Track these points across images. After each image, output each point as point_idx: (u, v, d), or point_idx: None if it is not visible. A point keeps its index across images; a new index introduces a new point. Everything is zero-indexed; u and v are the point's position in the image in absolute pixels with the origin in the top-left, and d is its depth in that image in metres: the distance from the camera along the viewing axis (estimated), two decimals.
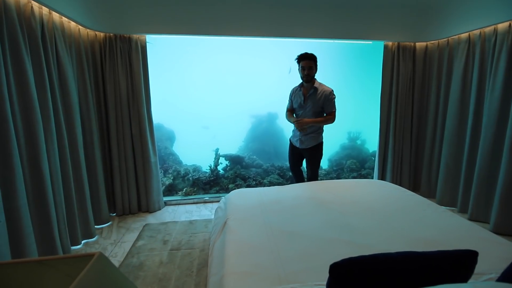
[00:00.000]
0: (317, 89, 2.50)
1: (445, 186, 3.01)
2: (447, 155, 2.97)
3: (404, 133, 3.33)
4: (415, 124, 3.34)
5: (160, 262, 2.08)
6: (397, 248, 1.31)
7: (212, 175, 3.80)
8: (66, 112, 2.19)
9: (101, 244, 2.39)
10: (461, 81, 2.81)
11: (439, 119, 3.10)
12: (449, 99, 2.94)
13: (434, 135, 3.19)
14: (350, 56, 4.90)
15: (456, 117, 2.88)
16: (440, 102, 3.08)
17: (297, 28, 2.96)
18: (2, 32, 1.60)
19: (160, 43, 4.43)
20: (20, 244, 1.65)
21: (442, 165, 3.02)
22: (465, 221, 1.67)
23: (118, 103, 2.75)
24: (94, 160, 2.53)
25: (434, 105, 3.16)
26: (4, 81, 1.57)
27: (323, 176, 4.14)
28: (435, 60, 3.12)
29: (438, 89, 3.10)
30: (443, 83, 3.02)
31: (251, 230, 1.56)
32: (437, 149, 3.15)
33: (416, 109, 3.32)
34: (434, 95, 3.14)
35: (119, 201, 2.88)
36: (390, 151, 3.35)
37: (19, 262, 0.53)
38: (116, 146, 2.77)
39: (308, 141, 2.60)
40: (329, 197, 2.02)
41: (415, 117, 3.33)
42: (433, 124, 3.18)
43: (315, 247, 1.36)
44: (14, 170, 1.61)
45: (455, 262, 0.79)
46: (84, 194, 2.36)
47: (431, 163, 3.23)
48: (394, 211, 1.78)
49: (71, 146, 2.22)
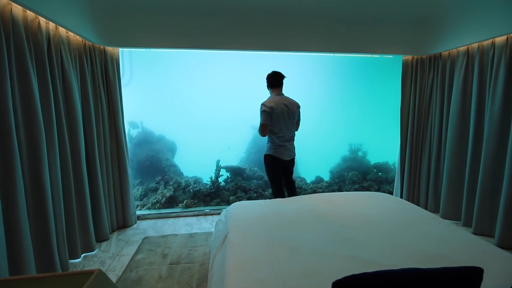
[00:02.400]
0: None
1: (449, 199, 2.97)
2: (449, 167, 2.95)
3: (423, 147, 3.31)
4: (429, 137, 3.31)
5: (159, 276, 2.05)
6: (400, 262, 1.29)
7: (213, 187, 3.78)
8: (69, 124, 2.21)
9: (99, 258, 2.36)
10: (460, 94, 2.83)
11: (443, 131, 3.08)
12: (450, 111, 2.95)
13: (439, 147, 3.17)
14: (349, 69, 4.97)
15: (457, 130, 2.87)
16: (443, 114, 3.07)
17: (297, 42, 3.01)
18: (9, 46, 1.63)
19: (162, 56, 4.51)
20: (18, 257, 1.63)
21: (445, 178, 2.99)
22: (469, 235, 1.64)
23: (99, 116, 2.64)
24: (96, 173, 2.50)
25: (438, 117, 3.11)
26: (9, 94, 1.60)
27: (325, 188, 4.11)
28: (437, 72, 3.13)
29: (442, 102, 3.08)
30: (445, 96, 3.03)
31: (252, 244, 1.54)
32: (441, 161, 3.12)
33: (426, 122, 3.30)
34: (439, 108, 3.11)
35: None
36: (407, 165, 3.38)
37: (19, 279, 0.53)
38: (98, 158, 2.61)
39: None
40: (330, 210, 2.00)
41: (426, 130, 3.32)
42: (438, 136, 3.14)
43: (317, 261, 1.33)
44: (15, 182, 1.61)
45: (460, 279, 0.77)
46: (85, 207, 2.34)
47: (437, 176, 3.18)
48: (397, 225, 1.76)
49: (73, 158, 2.23)
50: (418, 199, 3.36)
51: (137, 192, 3.72)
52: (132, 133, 4.28)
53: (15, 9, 1.67)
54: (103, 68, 2.69)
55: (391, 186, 4.10)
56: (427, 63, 3.19)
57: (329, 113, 5.00)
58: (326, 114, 5.00)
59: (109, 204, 2.75)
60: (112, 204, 2.80)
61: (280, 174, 2.74)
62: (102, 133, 2.61)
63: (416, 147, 3.34)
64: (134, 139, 4.27)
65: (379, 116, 5.00)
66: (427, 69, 3.20)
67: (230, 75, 4.77)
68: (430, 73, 3.17)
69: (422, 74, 3.24)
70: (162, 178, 3.89)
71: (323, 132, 5.02)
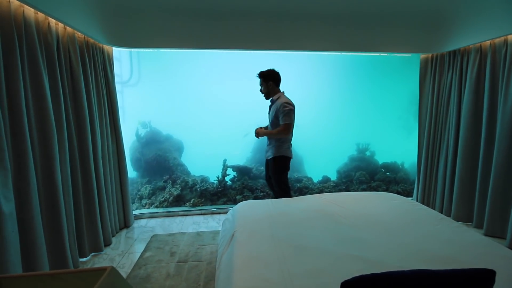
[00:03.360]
0: (274, 101, 2.59)
1: (461, 200, 2.88)
2: (461, 168, 2.87)
3: (441, 147, 3.17)
4: (446, 137, 3.16)
5: (167, 274, 2.07)
6: (409, 264, 1.28)
7: (219, 186, 3.80)
8: (78, 124, 2.22)
9: (109, 255, 2.40)
10: (473, 93, 2.75)
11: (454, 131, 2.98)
12: (462, 111, 2.87)
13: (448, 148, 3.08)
14: (357, 68, 4.92)
15: (469, 129, 2.79)
16: (460, 113, 2.94)
17: (305, 42, 3.00)
18: (21, 47, 1.67)
19: (170, 56, 4.55)
20: (32, 255, 1.68)
21: (457, 179, 2.90)
22: (479, 236, 1.62)
23: (102, 116, 2.61)
24: (99, 173, 2.46)
25: (456, 117, 2.94)
26: (22, 95, 1.64)
27: (332, 188, 4.09)
28: (446, 71, 3.06)
29: (459, 101, 2.93)
30: (463, 95, 2.90)
31: (259, 243, 1.54)
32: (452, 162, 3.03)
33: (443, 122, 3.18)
34: (456, 107, 2.94)
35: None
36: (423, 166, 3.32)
37: (34, 275, 0.54)
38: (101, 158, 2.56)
39: (270, 151, 2.64)
40: (338, 210, 1.99)
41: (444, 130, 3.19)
42: (455, 136, 2.98)
43: (324, 262, 1.33)
44: (29, 182, 1.65)
45: (471, 282, 0.76)
46: (94, 206, 2.35)
47: (453, 177, 3.01)
48: (406, 225, 1.74)
49: (81, 158, 2.25)
50: (434, 201, 3.24)
51: (145, 190, 3.76)
52: (141, 133, 4.33)
53: (27, 11, 1.71)
54: (103, 66, 2.65)
55: (399, 186, 4.06)
56: (447, 60, 3.04)
57: (336, 112, 4.96)
58: (334, 114, 4.97)
59: (112, 205, 2.71)
60: (114, 204, 2.76)
61: None
62: (105, 133, 2.61)
63: (434, 148, 3.22)
64: (142, 138, 4.32)
65: (387, 116, 4.95)
66: (446, 67, 3.05)
67: (237, 75, 4.79)
68: (449, 71, 3.01)
69: (441, 72, 3.11)
70: (169, 177, 3.93)
71: (330, 132, 4.98)
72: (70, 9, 2.09)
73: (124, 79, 4.19)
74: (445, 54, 3.06)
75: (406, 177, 4.23)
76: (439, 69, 3.12)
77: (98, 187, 2.45)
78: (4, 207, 1.45)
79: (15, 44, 1.59)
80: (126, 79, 4.20)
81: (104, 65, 2.65)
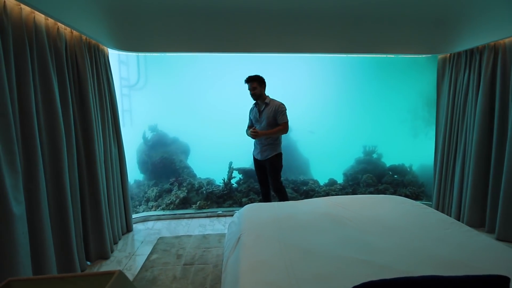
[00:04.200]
0: (268, 104, 2.78)
1: (473, 204, 2.79)
2: (473, 171, 2.77)
3: (458, 150, 3.04)
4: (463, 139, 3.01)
5: (174, 277, 2.08)
6: (419, 269, 1.25)
7: (225, 188, 3.80)
8: (83, 127, 2.21)
9: (116, 257, 2.41)
10: (487, 93, 2.66)
11: (469, 132, 2.88)
12: (476, 111, 2.76)
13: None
14: (364, 70, 4.88)
15: (481, 130, 2.70)
16: (472, 114, 2.86)
17: (313, 44, 3.00)
18: (32, 52, 1.70)
19: (176, 59, 4.59)
20: (41, 256, 1.70)
21: (470, 182, 2.81)
22: (491, 241, 1.58)
23: (104, 119, 2.55)
24: (102, 177, 2.44)
25: (472, 118, 2.85)
26: (33, 98, 1.67)
27: (338, 191, 4.05)
28: (462, 70, 2.94)
29: (476, 101, 2.82)
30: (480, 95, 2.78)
31: (266, 247, 1.53)
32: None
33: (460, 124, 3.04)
34: (472, 107, 2.83)
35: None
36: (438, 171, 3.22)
37: (42, 279, 0.55)
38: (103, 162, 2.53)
39: (267, 151, 2.82)
40: (345, 213, 1.97)
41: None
42: (471, 139, 2.87)
43: (332, 266, 1.31)
44: (38, 184, 1.67)
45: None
46: (100, 209, 2.33)
47: (463, 181, 2.95)
48: (415, 229, 1.71)
49: (88, 161, 2.25)
50: (450, 206, 3.10)
51: (152, 193, 3.79)
52: (147, 135, 4.37)
53: (37, 17, 1.74)
54: (105, 69, 2.59)
55: (407, 189, 4.00)
56: (463, 59, 2.92)
57: (342, 114, 4.92)
58: (340, 116, 4.93)
59: (115, 209, 2.65)
60: (117, 209, 2.70)
61: None
62: (107, 137, 2.56)
63: (449, 150, 3.10)
64: (149, 141, 4.36)
65: (395, 118, 4.89)
66: (463, 67, 2.92)
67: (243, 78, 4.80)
68: (466, 71, 2.88)
69: (457, 72, 3.00)
70: (176, 180, 3.95)
71: (336, 134, 4.95)
72: (80, 15, 2.13)
73: (132, 83, 4.23)
74: (462, 53, 2.94)
75: (414, 179, 4.17)
76: (456, 69, 3.02)
77: (105, 191, 2.46)
78: (15, 209, 1.48)
79: (26, 49, 1.63)
80: (133, 83, 4.25)
81: (105, 67, 2.61)
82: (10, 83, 1.52)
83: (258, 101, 2.83)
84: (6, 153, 1.47)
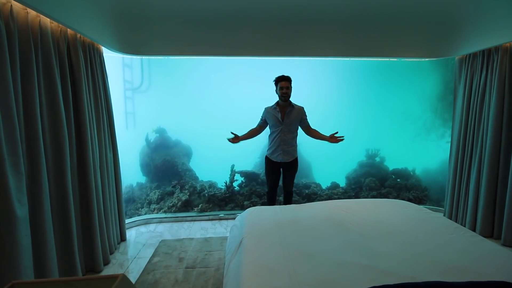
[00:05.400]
0: (294, 107, 2.77)
1: (484, 212, 2.70)
2: (487, 177, 2.67)
3: (473, 155, 2.89)
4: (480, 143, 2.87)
5: (175, 280, 2.07)
6: (423, 275, 1.24)
7: (227, 191, 3.80)
8: (77, 131, 2.11)
9: (118, 260, 2.42)
10: (499, 95, 2.60)
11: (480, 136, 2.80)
12: (489, 115, 2.68)
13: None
14: (366, 73, 4.88)
15: (493, 135, 2.62)
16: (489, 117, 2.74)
17: (318, 48, 3.02)
18: (37, 55, 1.71)
19: (179, 63, 4.62)
20: (43, 258, 1.70)
21: (483, 189, 2.71)
22: (495, 246, 1.56)
23: (100, 123, 2.43)
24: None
25: (486, 122, 2.75)
26: (37, 101, 1.68)
27: (341, 194, 4.03)
28: (478, 71, 2.81)
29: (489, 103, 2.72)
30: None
31: (267, 251, 1.53)
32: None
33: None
34: (487, 110, 2.74)
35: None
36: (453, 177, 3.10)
37: (46, 282, 0.55)
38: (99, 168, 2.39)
39: (292, 153, 2.85)
40: (348, 217, 1.96)
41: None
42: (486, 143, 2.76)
43: (334, 271, 1.31)
44: (41, 186, 1.68)
45: None
46: (93, 216, 2.21)
47: (479, 188, 2.81)
48: (418, 234, 1.69)
49: (81, 166, 2.16)
50: (465, 215, 2.92)
51: (154, 195, 3.79)
52: (150, 138, 4.39)
53: (43, 20, 1.76)
54: (101, 69, 2.45)
55: (411, 193, 3.97)
56: (479, 60, 2.77)
57: (344, 117, 4.92)
58: (342, 119, 4.93)
59: (110, 218, 2.49)
60: (113, 218, 2.55)
61: None
62: (103, 141, 2.43)
63: (464, 156, 2.94)
64: (151, 143, 4.37)
65: (398, 121, 4.87)
66: (479, 67, 2.78)
67: (245, 81, 4.81)
68: (483, 72, 2.74)
69: (473, 73, 2.86)
70: (178, 182, 3.95)
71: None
72: (84, 19, 2.14)
73: (135, 86, 4.26)
74: (478, 54, 2.79)
75: (417, 183, 4.14)
76: (471, 70, 2.87)
77: (100, 198, 2.32)
78: (18, 211, 1.48)
79: (31, 52, 1.64)
80: (137, 86, 4.28)
81: (101, 67, 2.46)
82: (15, 86, 1.54)
83: (284, 102, 2.71)
84: (10, 154, 1.48)
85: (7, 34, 1.49)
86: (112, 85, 2.68)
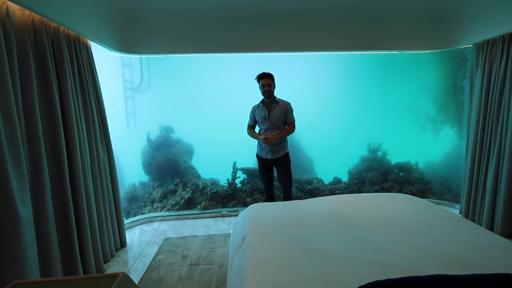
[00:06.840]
0: (278, 102, 2.78)
1: (506, 212, 2.55)
2: (507, 173, 2.54)
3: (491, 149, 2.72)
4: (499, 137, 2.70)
5: (180, 277, 2.08)
6: (426, 268, 1.23)
7: (229, 188, 3.81)
8: (66, 130, 1.96)
9: (122, 258, 2.43)
10: (499, 88, 2.52)
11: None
12: (510, 106, 2.51)
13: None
14: (367, 66, 4.84)
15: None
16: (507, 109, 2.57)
17: (316, 42, 2.99)
18: (34, 54, 1.70)
19: (179, 61, 4.60)
20: (47, 258, 1.71)
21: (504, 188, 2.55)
22: (500, 239, 1.55)
23: (89, 123, 2.27)
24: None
25: (505, 114, 2.57)
26: (37, 101, 1.68)
27: (343, 189, 4.02)
28: (498, 60, 2.61)
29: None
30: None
31: (271, 247, 1.53)
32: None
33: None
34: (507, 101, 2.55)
35: None
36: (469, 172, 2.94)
37: (47, 281, 0.55)
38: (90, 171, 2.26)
39: (281, 149, 2.84)
40: (350, 212, 1.95)
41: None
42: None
43: (337, 266, 1.30)
44: (44, 187, 1.69)
45: (492, 287, 0.72)
46: (92, 219, 2.16)
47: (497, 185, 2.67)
48: (421, 227, 1.69)
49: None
50: (481, 214, 2.79)
51: (157, 194, 3.80)
52: (151, 137, 4.39)
53: (39, 20, 1.74)
54: (89, 65, 2.28)
55: (414, 186, 3.96)
56: (499, 46, 2.54)
57: (346, 112, 4.89)
58: (343, 114, 4.90)
59: (104, 224, 2.34)
60: (109, 223, 2.43)
61: None
62: (94, 142, 2.26)
63: (482, 151, 2.78)
64: (153, 142, 4.38)
65: (399, 115, 4.84)
66: (499, 55, 2.56)
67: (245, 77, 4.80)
68: (503, 60, 2.51)
69: (492, 62, 2.66)
70: (180, 180, 3.96)
71: (341, 132, 4.92)
72: (84, 19, 2.13)
73: (135, 85, 4.25)
74: (497, 39, 2.56)
75: (420, 177, 4.12)
76: (489, 58, 2.65)
77: (92, 204, 2.18)
78: (22, 212, 1.49)
79: (28, 52, 1.64)
80: (137, 85, 4.27)
81: (89, 63, 2.28)
82: (15, 87, 1.54)
83: (268, 99, 2.75)
84: (12, 156, 1.48)
85: (4, 36, 1.48)
86: (112, 85, 2.68)
